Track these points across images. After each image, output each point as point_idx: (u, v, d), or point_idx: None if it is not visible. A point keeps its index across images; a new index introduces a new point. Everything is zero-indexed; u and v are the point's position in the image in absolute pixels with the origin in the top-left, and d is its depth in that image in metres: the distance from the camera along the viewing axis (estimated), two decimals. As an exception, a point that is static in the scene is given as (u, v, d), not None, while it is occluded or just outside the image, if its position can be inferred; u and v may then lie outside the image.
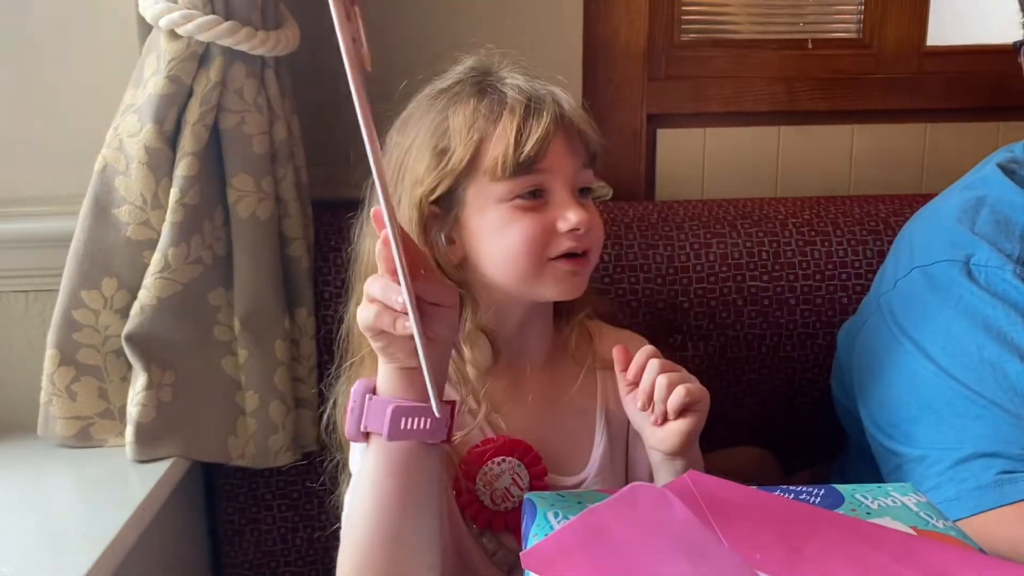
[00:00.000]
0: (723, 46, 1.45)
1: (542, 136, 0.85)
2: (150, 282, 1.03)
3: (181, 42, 0.99)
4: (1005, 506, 0.80)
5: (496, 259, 0.88)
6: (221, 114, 1.04)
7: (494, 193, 0.86)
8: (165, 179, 1.03)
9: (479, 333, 0.90)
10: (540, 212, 0.87)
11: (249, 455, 1.13)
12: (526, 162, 0.85)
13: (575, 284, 0.89)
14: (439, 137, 0.88)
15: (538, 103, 0.87)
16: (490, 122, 0.86)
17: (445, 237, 0.89)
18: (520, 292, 0.89)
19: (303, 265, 1.16)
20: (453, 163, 0.87)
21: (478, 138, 0.86)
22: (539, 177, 0.86)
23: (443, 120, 0.89)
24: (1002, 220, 0.92)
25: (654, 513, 0.47)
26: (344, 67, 0.59)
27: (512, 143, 0.85)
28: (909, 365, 0.91)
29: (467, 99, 0.88)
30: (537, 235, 0.86)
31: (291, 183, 1.12)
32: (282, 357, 1.12)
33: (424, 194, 0.88)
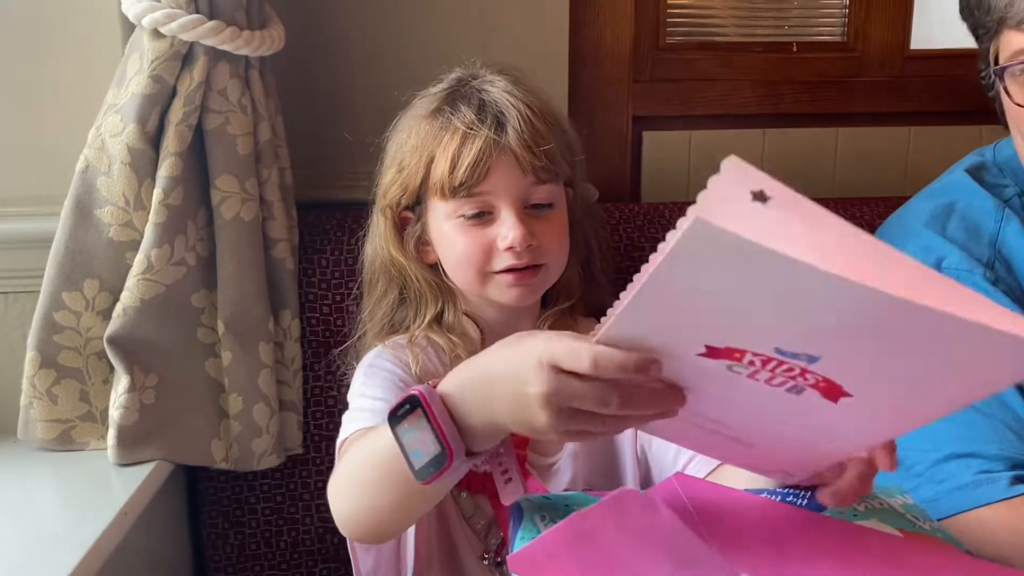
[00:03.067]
0: (708, 49, 1.45)
1: (472, 162, 0.89)
2: (133, 284, 1.02)
3: (164, 41, 0.99)
4: (984, 506, 0.80)
5: (451, 267, 0.95)
6: (205, 114, 1.03)
7: (442, 210, 0.93)
8: (148, 180, 1.02)
9: (465, 319, 0.96)
10: (483, 228, 0.91)
11: (233, 458, 1.12)
12: (462, 185, 0.89)
13: (520, 294, 0.92)
14: (401, 155, 0.96)
15: (475, 129, 0.90)
16: (436, 144, 0.92)
17: (418, 240, 0.97)
18: (474, 295, 0.95)
19: (288, 267, 1.15)
20: (407, 180, 0.94)
21: (426, 158, 0.92)
22: (480, 199, 0.90)
23: (405, 139, 0.96)
24: (971, 226, 0.93)
25: (641, 518, 0.47)
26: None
27: (447, 168, 0.90)
28: None
29: (423, 119, 0.94)
30: (475, 252, 0.91)
31: (276, 184, 1.11)
32: (266, 360, 1.12)
33: (390, 205, 0.97)
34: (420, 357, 0.93)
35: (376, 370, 0.92)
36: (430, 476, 0.63)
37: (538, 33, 1.32)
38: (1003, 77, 0.89)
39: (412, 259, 0.97)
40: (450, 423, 0.63)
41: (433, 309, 0.97)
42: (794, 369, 0.50)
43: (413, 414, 0.64)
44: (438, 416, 0.63)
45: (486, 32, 1.30)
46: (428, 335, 0.96)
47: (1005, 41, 0.88)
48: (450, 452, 0.62)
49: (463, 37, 1.29)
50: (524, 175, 0.91)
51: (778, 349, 0.49)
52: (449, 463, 0.62)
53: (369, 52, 1.27)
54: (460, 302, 0.97)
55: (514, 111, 0.91)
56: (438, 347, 0.95)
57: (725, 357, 0.51)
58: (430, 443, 0.63)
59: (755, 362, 0.50)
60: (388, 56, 1.27)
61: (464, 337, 0.95)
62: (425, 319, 0.97)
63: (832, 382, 0.50)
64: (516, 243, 0.89)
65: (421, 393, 0.64)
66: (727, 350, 0.50)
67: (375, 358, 0.94)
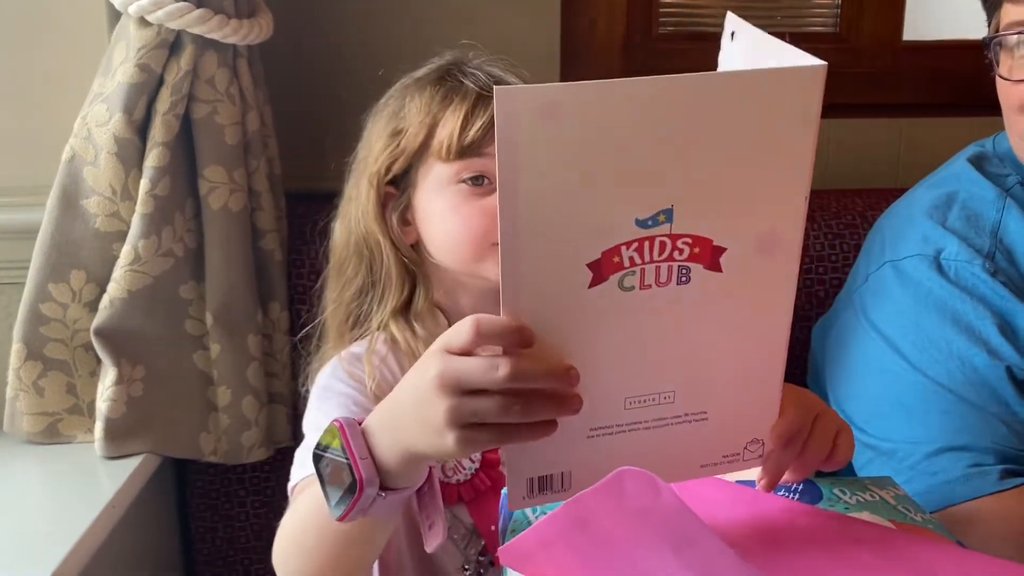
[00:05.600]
0: (701, 39, 1.45)
1: (488, 121, 0.86)
2: (120, 275, 1.01)
3: (151, 30, 0.97)
4: (975, 499, 0.80)
5: (442, 242, 0.90)
6: (192, 104, 1.02)
7: (442, 175, 0.88)
8: (135, 170, 1.01)
9: (435, 311, 0.92)
10: (485, 198, 0.87)
11: (222, 451, 1.11)
12: (471, 145, 0.86)
13: None
14: (398, 119, 0.91)
15: (489, 91, 0.88)
16: (443, 107, 0.88)
17: (399, 218, 0.92)
18: (466, 274, 0.90)
19: (276, 258, 1.14)
20: (405, 142, 0.89)
21: (430, 121, 0.89)
22: (484, 161, 0.87)
23: (403, 105, 0.92)
24: (972, 216, 0.93)
25: (640, 499, 0.46)
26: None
27: (459, 127, 0.87)
28: (879, 360, 0.91)
29: (426, 86, 0.91)
30: (480, 220, 0.86)
31: (264, 175, 1.10)
32: (255, 352, 1.11)
33: (379, 172, 0.91)
34: (378, 371, 0.88)
35: (330, 394, 0.87)
36: (343, 511, 0.61)
37: (529, 23, 1.31)
38: (994, 48, 0.89)
39: (392, 235, 0.91)
40: (364, 451, 0.61)
41: (398, 296, 0.92)
42: (665, 244, 0.53)
43: (331, 448, 0.62)
44: (352, 444, 0.61)
45: (476, 23, 1.29)
46: (390, 331, 0.90)
47: (1004, 13, 0.88)
48: (360, 481, 0.60)
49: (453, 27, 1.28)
50: None
51: (638, 220, 0.52)
52: (359, 492, 0.60)
53: (357, 42, 1.25)
54: (433, 289, 0.92)
55: (521, 83, 0.90)
56: (398, 350, 0.89)
57: (609, 271, 0.53)
58: (344, 474, 0.61)
59: (635, 259, 0.53)
60: (376, 46, 1.26)
61: (431, 330, 0.90)
62: (388, 308, 0.91)
63: (699, 237, 0.53)
64: None
65: (340, 424, 0.62)
66: (606, 258, 0.52)
67: (329, 378, 0.88)
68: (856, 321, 0.95)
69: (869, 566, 0.58)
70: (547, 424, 0.54)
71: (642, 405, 0.57)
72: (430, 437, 0.56)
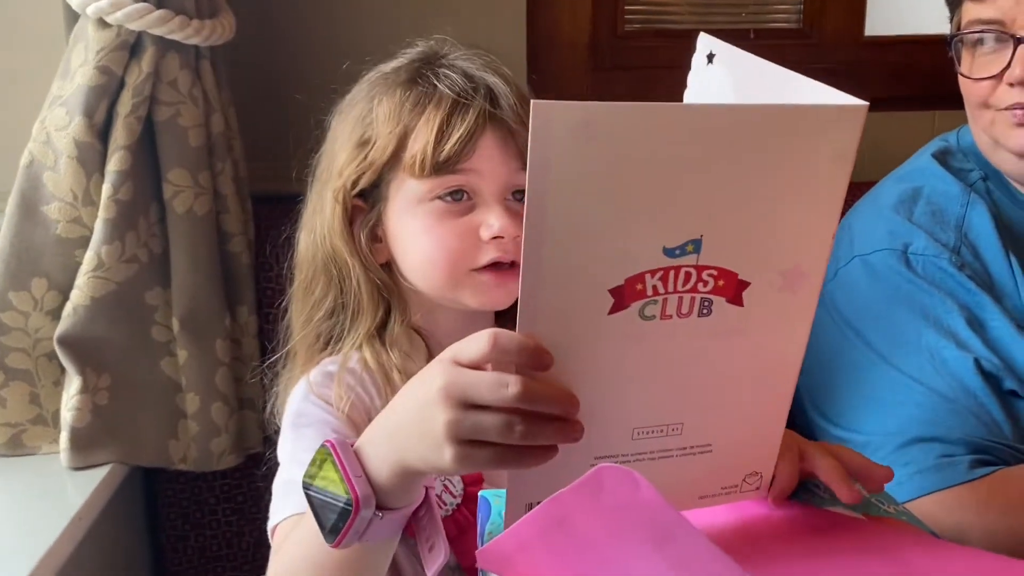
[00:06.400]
0: (667, 36, 1.45)
1: (465, 135, 0.79)
2: (83, 282, 0.99)
3: (110, 31, 0.95)
4: (946, 489, 0.81)
5: (415, 265, 0.83)
6: (155, 106, 1.00)
7: (415, 192, 0.80)
8: (96, 174, 0.99)
9: (412, 334, 0.85)
10: (463, 217, 0.80)
11: (191, 459, 1.09)
12: (447, 160, 0.79)
13: (498, 296, 0.82)
14: (365, 126, 0.83)
15: (467, 97, 0.81)
16: (415, 114, 0.81)
17: (370, 235, 0.84)
18: (442, 299, 0.84)
19: (243, 262, 1.12)
20: (374, 155, 0.82)
21: (401, 131, 0.81)
22: (462, 178, 0.80)
23: (370, 109, 0.83)
24: (937, 211, 0.94)
25: (618, 496, 0.46)
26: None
27: (433, 139, 0.79)
28: (850, 354, 0.92)
29: (395, 88, 0.83)
30: (457, 243, 0.80)
31: (229, 177, 1.09)
32: (223, 357, 1.09)
33: (345, 187, 0.83)
34: (352, 392, 0.82)
35: (305, 421, 0.81)
36: (339, 533, 0.58)
37: (495, 20, 1.30)
38: (955, 46, 0.91)
39: (361, 255, 0.84)
40: (358, 469, 0.58)
41: (371, 318, 0.84)
42: (691, 274, 0.51)
43: (322, 470, 0.59)
44: (346, 463, 0.58)
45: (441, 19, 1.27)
46: (364, 355, 0.83)
47: (964, 11, 0.90)
48: (356, 499, 0.57)
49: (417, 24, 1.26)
50: (510, 159, 0.81)
51: (665, 249, 0.50)
52: (355, 511, 0.57)
53: (321, 41, 1.24)
54: (410, 311, 0.85)
55: (503, 87, 0.82)
56: (373, 373, 0.83)
57: (631, 299, 0.51)
58: (338, 494, 0.58)
59: (659, 288, 0.51)
60: (340, 44, 1.24)
61: (408, 356, 0.83)
62: (361, 331, 0.84)
63: (725, 270, 0.52)
64: (504, 232, 0.78)
65: (331, 444, 0.59)
66: (629, 285, 0.51)
67: (301, 402, 0.82)
68: (827, 317, 0.95)
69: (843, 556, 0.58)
70: (547, 450, 0.52)
71: (649, 436, 0.56)
72: (427, 450, 0.54)
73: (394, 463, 0.57)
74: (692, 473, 0.58)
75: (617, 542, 0.47)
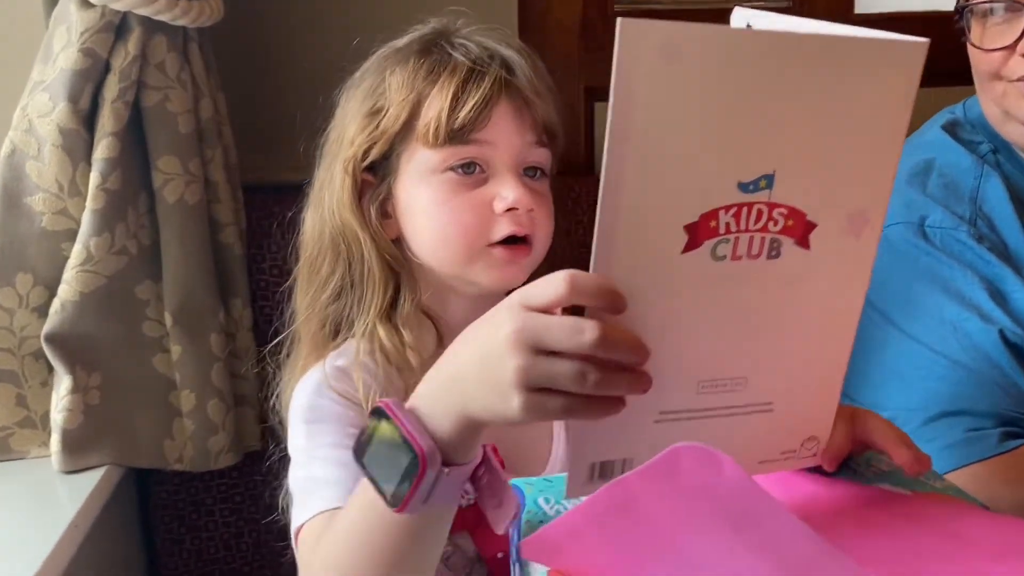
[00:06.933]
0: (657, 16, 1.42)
1: (480, 102, 0.77)
2: (71, 276, 0.95)
3: (95, 11, 0.91)
4: (976, 463, 0.80)
5: (427, 239, 0.80)
6: (142, 91, 0.96)
7: (427, 162, 0.78)
8: (83, 163, 0.94)
9: (421, 315, 0.82)
10: (476, 189, 0.78)
11: (188, 458, 1.05)
12: (462, 129, 0.77)
13: (511, 273, 0.80)
14: (376, 97, 0.81)
15: (482, 65, 0.79)
16: (428, 82, 0.78)
17: (379, 210, 0.82)
18: (453, 278, 0.81)
19: (236, 252, 1.08)
20: (385, 124, 0.79)
21: (414, 99, 0.78)
22: (476, 148, 0.78)
23: (382, 80, 0.81)
24: (950, 184, 0.93)
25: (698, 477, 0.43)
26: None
27: (447, 107, 0.77)
28: (870, 329, 0.90)
29: (408, 57, 0.81)
30: (471, 216, 0.78)
31: (220, 165, 1.05)
32: (218, 352, 1.05)
33: (355, 157, 0.81)
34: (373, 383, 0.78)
35: (319, 415, 0.77)
36: (405, 495, 0.53)
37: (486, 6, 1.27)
38: (966, 16, 0.89)
39: (371, 228, 0.81)
40: (419, 424, 0.54)
41: (382, 297, 0.81)
42: (762, 212, 0.50)
43: (378, 433, 0.55)
44: (404, 419, 0.54)
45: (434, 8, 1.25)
46: (378, 336, 0.80)
47: None
48: (421, 454, 0.53)
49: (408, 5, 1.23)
50: (525, 132, 0.79)
51: (740, 183, 0.49)
52: (422, 469, 0.53)
53: (312, 23, 1.20)
54: (420, 290, 0.82)
55: (518, 58, 0.80)
56: (385, 356, 0.80)
57: (704, 236, 0.50)
58: (399, 454, 0.54)
59: (731, 225, 0.50)
60: (331, 27, 1.20)
61: (420, 336, 0.81)
62: (371, 312, 0.81)
63: (795, 209, 0.51)
64: (519, 203, 0.77)
65: (385, 404, 0.55)
66: (703, 221, 0.49)
67: (313, 396, 0.78)
68: (843, 292, 0.94)
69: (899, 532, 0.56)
70: (615, 401, 0.50)
71: (714, 390, 0.54)
72: (492, 399, 0.51)
73: (457, 415, 0.54)
74: (753, 435, 0.56)
75: (688, 526, 0.44)
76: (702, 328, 0.52)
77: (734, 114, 0.47)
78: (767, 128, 0.48)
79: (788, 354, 0.56)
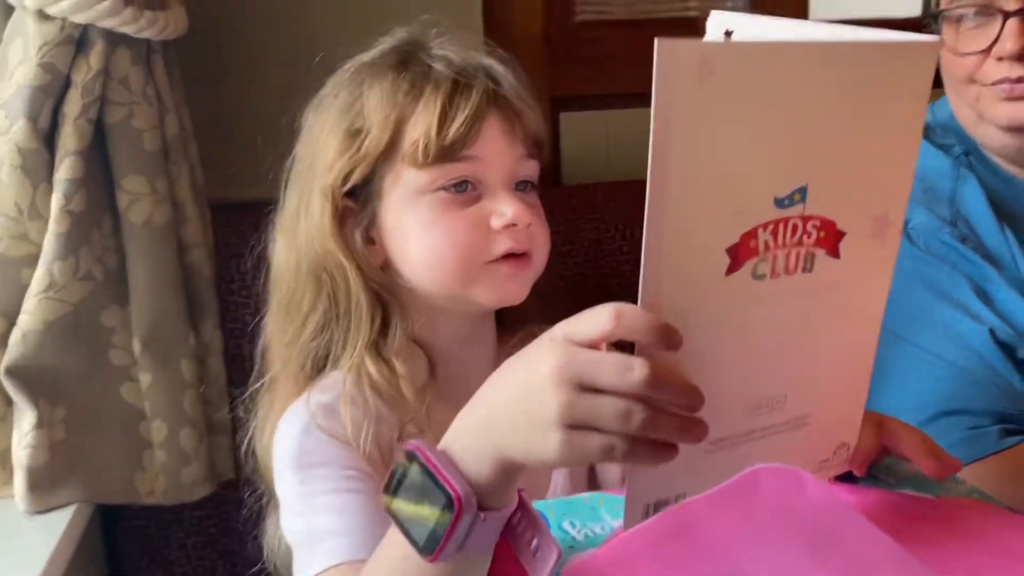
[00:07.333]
0: (617, 27, 1.43)
1: (471, 116, 0.74)
2: (33, 304, 0.89)
3: (54, 24, 0.86)
4: (977, 461, 0.80)
5: (420, 263, 0.76)
6: (105, 107, 0.91)
7: (415, 183, 0.75)
8: (44, 184, 0.89)
9: (412, 345, 0.78)
10: (470, 207, 0.75)
11: (160, 491, 1.00)
12: (452, 146, 0.73)
13: (513, 289, 0.77)
14: (353, 116, 0.76)
15: (468, 77, 0.76)
16: (411, 99, 0.75)
17: (363, 236, 0.78)
18: (450, 299, 0.78)
19: (205, 274, 1.04)
20: (368, 147, 0.75)
21: (396, 117, 0.75)
22: (467, 166, 0.75)
23: (358, 96, 0.77)
24: (930, 187, 0.94)
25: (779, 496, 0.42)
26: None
27: (436, 123, 0.73)
28: None
29: (386, 72, 0.77)
30: (468, 234, 0.74)
31: (187, 183, 1.00)
32: (190, 379, 1.00)
33: (335, 183, 0.76)
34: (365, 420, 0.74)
35: (312, 460, 0.73)
36: (439, 543, 0.50)
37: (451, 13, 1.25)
38: (938, 22, 0.90)
39: (357, 257, 0.77)
40: (452, 467, 0.51)
41: (369, 328, 0.77)
42: (797, 227, 0.50)
43: (408, 477, 0.52)
44: (437, 462, 0.51)
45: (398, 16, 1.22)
46: (366, 370, 0.76)
47: None
48: (456, 497, 0.49)
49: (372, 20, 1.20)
50: (516, 145, 0.77)
51: (776, 199, 0.49)
52: (457, 513, 0.49)
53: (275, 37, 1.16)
54: (410, 318, 0.78)
55: (502, 68, 0.77)
56: (375, 390, 0.76)
57: (745, 257, 0.49)
58: (432, 498, 0.50)
59: (769, 243, 0.49)
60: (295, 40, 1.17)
61: (410, 367, 0.77)
62: (357, 345, 0.77)
63: (826, 219, 0.51)
64: (518, 219, 0.74)
65: (415, 447, 0.52)
66: (743, 242, 0.49)
67: (303, 438, 0.74)
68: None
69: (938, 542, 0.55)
70: (663, 448, 0.47)
71: (758, 411, 0.53)
72: (530, 437, 0.48)
73: (492, 455, 0.51)
74: (793, 450, 0.55)
75: (755, 550, 0.43)
76: (746, 350, 0.51)
77: (767, 129, 0.47)
78: (798, 140, 0.48)
79: (821, 364, 0.55)
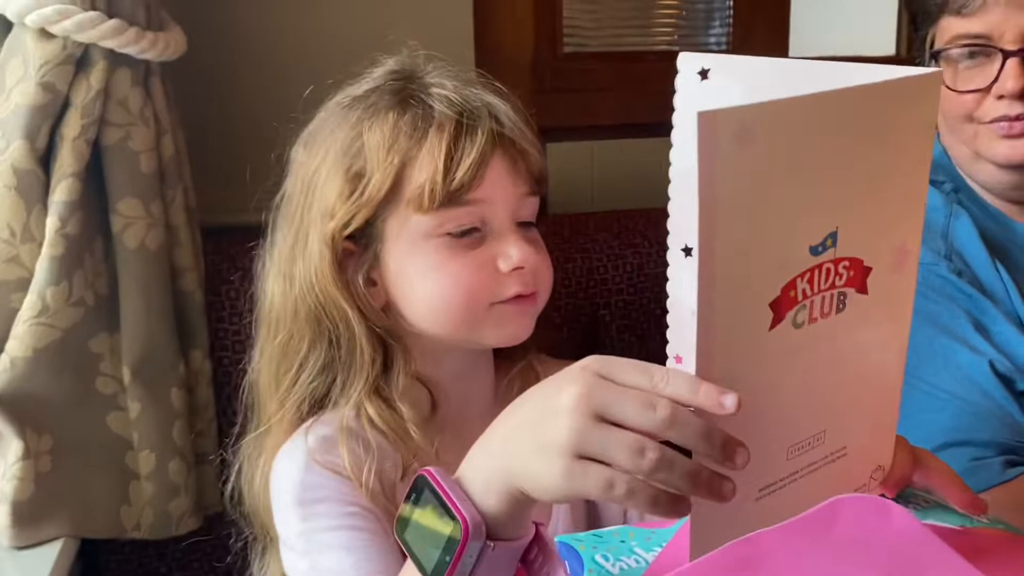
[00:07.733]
0: (603, 59, 1.45)
1: (476, 160, 0.72)
2: (23, 331, 0.86)
3: (55, 43, 0.84)
4: (983, 492, 0.81)
5: (426, 306, 0.76)
6: (103, 128, 0.89)
7: (419, 228, 0.74)
8: (38, 206, 0.86)
9: (415, 383, 0.78)
10: (476, 249, 0.74)
11: (146, 525, 0.97)
12: (458, 191, 0.72)
13: (521, 328, 0.77)
14: (352, 157, 0.75)
15: (471, 118, 0.74)
16: (414, 141, 0.73)
17: (364, 278, 0.77)
18: (456, 340, 0.77)
19: (196, 300, 1.01)
20: (370, 191, 0.74)
21: (399, 161, 0.73)
22: (473, 210, 0.74)
23: (357, 136, 0.75)
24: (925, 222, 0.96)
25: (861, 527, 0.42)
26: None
27: (441, 168, 0.72)
28: None
29: (386, 112, 0.75)
30: (475, 278, 0.74)
31: (181, 207, 0.98)
32: (179, 408, 0.97)
33: (336, 229, 0.75)
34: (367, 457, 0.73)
35: (314, 496, 0.72)
36: (446, 569, 0.50)
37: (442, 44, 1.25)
38: (937, 61, 0.92)
39: (359, 301, 0.76)
40: (461, 493, 0.51)
41: (370, 371, 0.76)
42: (830, 271, 0.51)
43: (420, 503, 0.52)
44: (446, 487, 0.51)
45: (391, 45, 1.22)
46: (363, 411, 0.75)
47: (943, 26, 0.91)
48: (464, 524, 0.49)
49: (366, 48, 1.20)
50: (519, 184, 0.76)
51: (810, 247, 0.49)
52: (464, 539, 0.49)
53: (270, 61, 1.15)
54: (413, 359, 0.77)
55: (502, 104, 0.76)
56: (376, 429, 0.75)
57: (786, 308, 0.49)
58: (440, 524, 0.51)
59: (806, 291, 0.50)
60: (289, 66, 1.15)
61: (413, 406, 0.76)
62: (358, 389, 0.76)
63: (855, 259, 0.52)
64: (525, 263, 0.74)
65: (427, 471, 0.53)
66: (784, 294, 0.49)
67: (304, 474, 0.73)
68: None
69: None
70: (673, 500, 0.46)
71: (800, 452, 0.53)
72: (536, 462, 0.48)
73: (501, 483, 0.51)
74: (834, 482, 0.56)
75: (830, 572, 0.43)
76: (788, 396, 0.51)
77: (801, 181, 0.48)
78: (828, 186, 0.49)
79: (855, 396, 0.56)
